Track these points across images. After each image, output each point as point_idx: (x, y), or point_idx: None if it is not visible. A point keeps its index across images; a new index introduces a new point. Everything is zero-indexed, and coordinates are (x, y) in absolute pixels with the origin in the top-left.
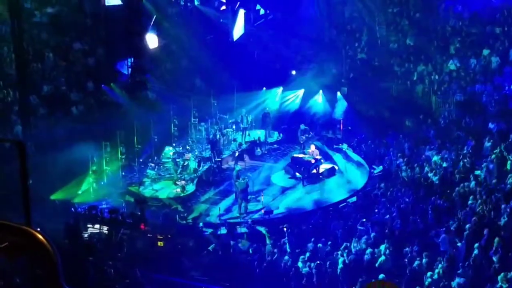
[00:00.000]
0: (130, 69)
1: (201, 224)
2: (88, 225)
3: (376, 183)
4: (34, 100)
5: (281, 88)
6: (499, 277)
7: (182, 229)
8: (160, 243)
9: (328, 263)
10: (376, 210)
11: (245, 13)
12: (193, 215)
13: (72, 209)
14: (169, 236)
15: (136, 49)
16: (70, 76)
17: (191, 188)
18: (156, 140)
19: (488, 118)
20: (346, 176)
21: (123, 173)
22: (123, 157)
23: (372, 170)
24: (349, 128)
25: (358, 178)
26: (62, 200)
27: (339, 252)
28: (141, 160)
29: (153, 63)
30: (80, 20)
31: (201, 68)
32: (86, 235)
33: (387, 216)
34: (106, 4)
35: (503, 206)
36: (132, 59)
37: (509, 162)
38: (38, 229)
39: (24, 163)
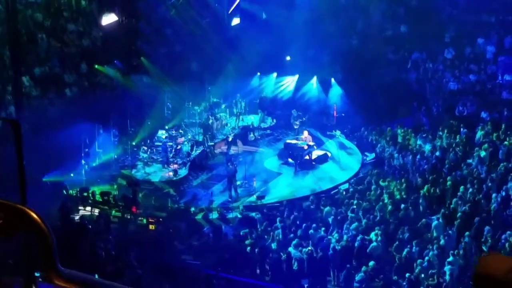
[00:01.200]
0: (124, 52)
1: (193, 208)
2: (80, 207)
3: (369, 170)
4: (27, 82)
5: (275, 74)
6: None
7: (174, 213)
8: (151, 226)
9: (319, 249)
10: (368, 197)
11: None
12: (185, 198)
13: (64, 191)
14: (160, 219)
15: (131, 32)
16: (64, 57)
17: (183, 172)
18: (149, 123)
19: (481, 107)
20: (338, 163)
21: (116, 156)
22: (116, 139)
23: (365, 157)
24: (343, 114)
25: (351, 165)
26: (55, 182)
27: (331, 238)
28: (133, 143)
29: (148, 47)
30: (74, 1)
31: (197, 52)
32: (77, 217)
33: (380, 203)
34: None
35: (494, 194)
36: (127, 43)
37: (500, 151)
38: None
39: (20, 142)
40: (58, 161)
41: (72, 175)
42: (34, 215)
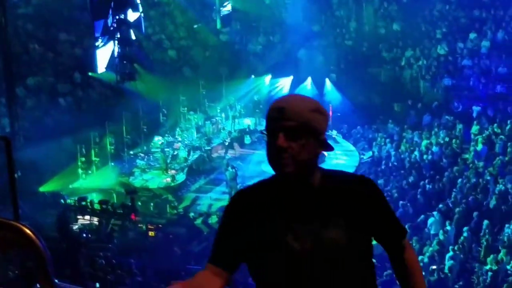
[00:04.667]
0: (118, 60)
1: (192, 214)
2: (78, 217)
3: (366, 169)
4: (21, 92)
5: (269, 76)
6: (488, 259)
7: (173, 219)
8: (151, 233)
9: None
10: None
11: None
12: (184, 204)
13: (62, 200)
14: (160, 225)
15: (123, 39)
16: (57, 67)
17: (181, 177)
18: (145, 130)
19: (476, 101)
20: (335, 163)
21: (113, 164)
22: (112, 147)
23: (362, 156)
24: (338, 114)
25: (348, 164)
26: (52, 192)
27: None
28: (130, 151)
29: (141, 53)
30: (66, 10)
31: (189, 57)
32: (76, 227)
33: None
34: None
35: (491, 189)
36: (120, 49)
37: (497, 145)
38: (26, 223)
39: (11, 159)
40: (55, 171)
41: (69, 184)
42: (28, 231)
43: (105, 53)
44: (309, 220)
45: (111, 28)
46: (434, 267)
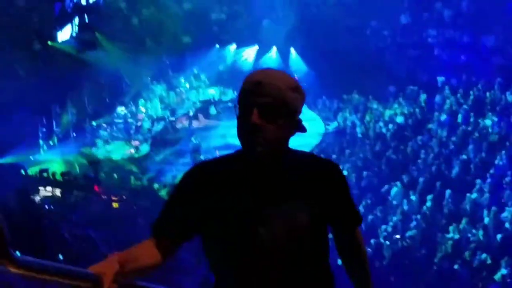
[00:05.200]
0: (78, 28)
1: (156, 185)
2: (40, 188)
3: (331, 140)
4: None
5: (234, 45)
6: (450, 228)
7: (137, 190)
8: (115, 205)
9: None
10: None
11: None
12: (148, 175)
13: (23, 171)
14: (124, 197)
15: (83, 7)
16: (14, 35)
17: (145, 148)
18: (107, 100)
19: (440, 71)
20: (301, 133)
21: (75, 134)
22: (74, 118)
23: (327, 126)
24: (304, 84)
25: (313, 134)
26: (12, 164)
27: None
28: (93, 122)
29: (102, 21)
30: None
31: (152, 26)
32: (38, 198)
33: (344, 171)
34: None
35: (454, 158)
36: (80, 18)
37: (460, 115)
38: None
39: None
40: (15, 143)
41: (31, 157)
42: None
43: (65, 22)
44: (273, 200)
45: None
46: (398, 236)
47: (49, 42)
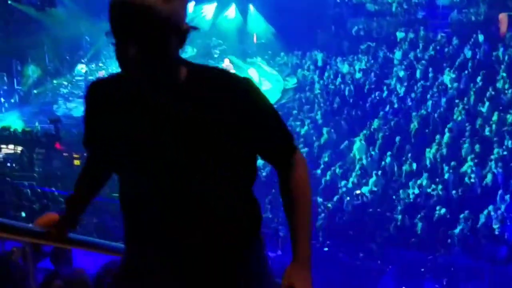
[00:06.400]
0: None
1: None
2: (2, 146)
3: (291, 96)
4: None
5: (193, 2)
6: (410, 183)
7: None
8: (76, 162)
9: None
10: (291, 123)
11: None
12: None
13: None
14: (85, 154)
15: None
16: None
17: None
18: (68, 58)
19: (398, 26)
20: (260, 89)
21: (36, 92)
22: (35, 75)
23: (286, 82)
24: (263, 41)
25: (273, 91)
26: None
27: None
28: (54, 80)
29: None
30: None
31: None
32: (0, 156)
33: (305, 127)
34: None
35: (413, 113)
36: None
37: (418, 70)
38: None
39: None
40: None
41: None
42: None
43: None
44: (169, 120)
45: None
46: (358, 191)
47: (9, 1)
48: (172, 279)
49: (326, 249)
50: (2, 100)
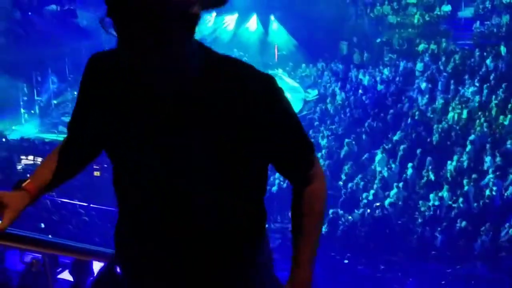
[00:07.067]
0: None
1: None
2: (22, 157)
3: (312, 107)
4: None
5: (214, 14)
6: (431, 196)
7: None
8: (96, 173)
9: None
10: (312, 134)
11: None
12: None
13: (3, 139)
14: (105, 166)
15: None
16: None
17: None
18: None
19: (420, 38)
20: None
21: (56, 103)
22: (55, 86)
23: (307, 94)
24: (284, 53)
25: (294, 103)
26: None
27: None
28: (74, 91)
29: None
30: None
31: None
32: (20, 167)
33: (325, 140)
34: None
35: (435, 126)
36: None
37: (440, 82)
38: None
39: None
40: None
41: (13, 126)
42: None
43: None
44: (171, 112)
45: None
46: (378, 204)
47: (30, 13)
48: (172, 279)
49: (346, 261)
50: (22, 111)
